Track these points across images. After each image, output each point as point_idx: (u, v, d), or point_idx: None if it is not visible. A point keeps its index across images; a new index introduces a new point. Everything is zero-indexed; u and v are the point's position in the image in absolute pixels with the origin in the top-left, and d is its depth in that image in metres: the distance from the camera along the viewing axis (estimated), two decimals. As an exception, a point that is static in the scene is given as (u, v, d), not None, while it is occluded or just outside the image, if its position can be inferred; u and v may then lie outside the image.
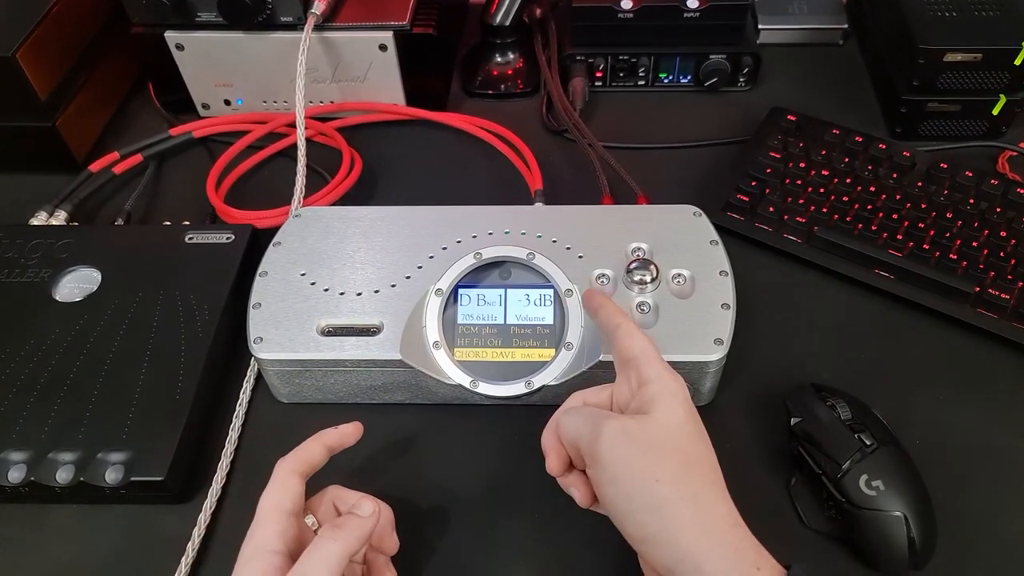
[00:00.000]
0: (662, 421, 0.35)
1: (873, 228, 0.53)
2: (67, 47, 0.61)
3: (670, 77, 0.67)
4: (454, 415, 0.48)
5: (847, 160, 0.57)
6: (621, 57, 0.66)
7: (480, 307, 0.48)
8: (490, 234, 0.49)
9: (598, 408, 0.38)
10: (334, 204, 0.57)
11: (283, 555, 0.35)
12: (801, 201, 0.55)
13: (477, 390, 0.46)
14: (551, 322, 0.47)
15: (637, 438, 0.34)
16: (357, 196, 0.59)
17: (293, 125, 0.62)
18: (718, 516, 0.34)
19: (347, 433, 0.41)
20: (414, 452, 0.47)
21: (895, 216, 0.54)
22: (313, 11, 0.59)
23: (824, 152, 0.58)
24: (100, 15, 0.64)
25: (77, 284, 0.50)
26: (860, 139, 0.58)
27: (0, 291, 0.50)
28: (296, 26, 0.60)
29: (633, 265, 0.47)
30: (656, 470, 0.34)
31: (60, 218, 0.56)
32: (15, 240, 0.52)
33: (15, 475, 0.42)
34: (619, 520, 0.35)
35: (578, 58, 0.66)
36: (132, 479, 0.42)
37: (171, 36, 0.61)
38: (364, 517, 0.36)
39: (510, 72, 0.69)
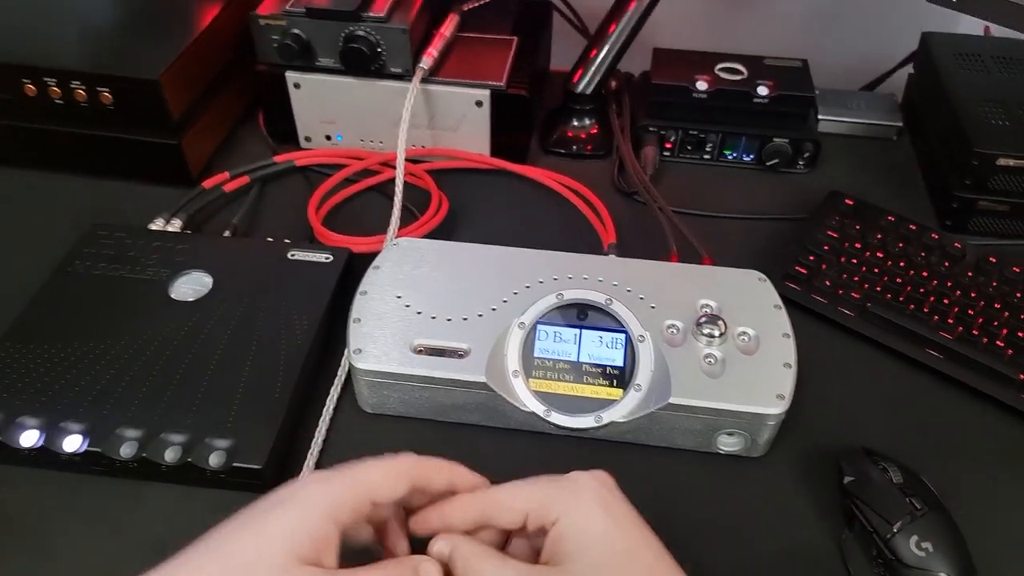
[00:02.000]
0: (590, 561, 0.33)
1: (925, 310, 0.57)
2: (201, 75, 0.68)
3: (735, 154, 0.73)
4: (524, 441, 0.51)
5: (901, 245, 0.61)
6: (691, 132, 0.72)
7: (556, 343, 0.51)
8: (570, 278, 0.54)
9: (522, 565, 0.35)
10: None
11: (340, 531, 0.33)
12: (856, 278, 0.59)
13: (550, 419, 0.49)
14: (621, 364, 0.50)
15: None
16: (440, 234, 0.64)
17: (388, 164, 0.68)
18: None
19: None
20: (485, 472, 0.50)
21: (946, 301, 0.57)
22: (421, 65, 0.65)
23: (879, 236, 0.62)
24: (230, 49, 0.71)
25: (191, 286, 0.55)
26: (914, 227, 0.62)
27: (124, 285, 0.55)
28: (404, 76, 0.66)
29: (703, 319, 0.51)
30: None
31: (175, 226, 0.61)
32: (137, 241, 0.58)
33: (127, 450, 0.46)
34: None
35: (651, 129, 0.72)
36: (234, 464, 0.45)
37: (291, 76, 0.67)
38: None
39: (584, 136, 0.75)
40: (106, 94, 0.62)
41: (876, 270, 0.60)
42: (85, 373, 0.49)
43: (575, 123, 0.75)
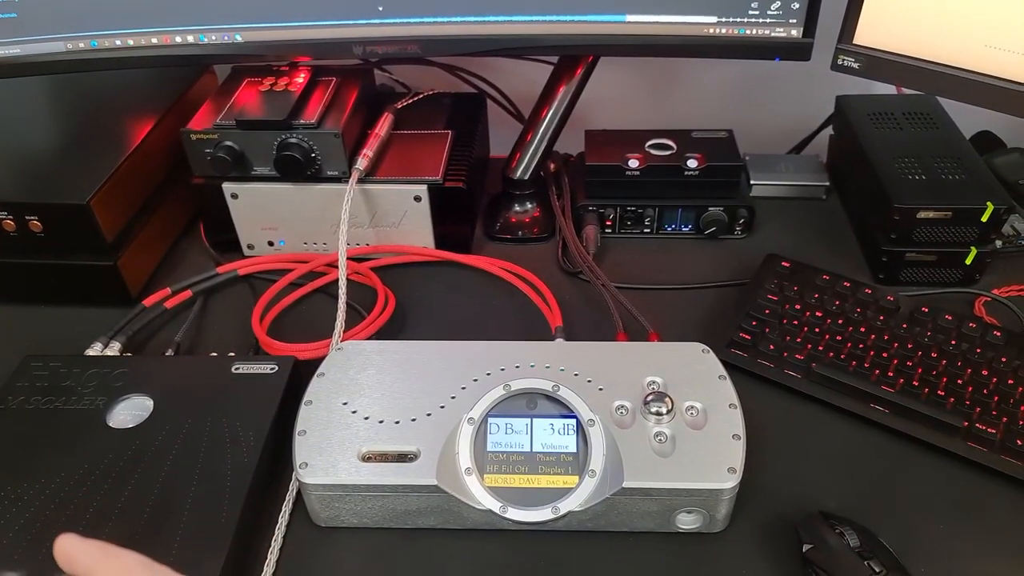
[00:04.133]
0: None
1: (866, 365, 0.58)
2: (134, 195, 0.68)
3: (673, 226, 0.74)
4: (483, 540, 0.50)
5: (838, 303, 0.63)
6: (629, 208, 0.74)
7: (508, 435, 0.51)
8: (517, 367, 0.54)
9: None
10: (369, 338, 0.62)
11: None
12: (799, 339, 0.61)
13: (506, 515, 0.48)
14: (574, 450, 0.50)
15: None
16: (389, 331, 0.64)
17: (332, 265, 0.68)
18: None
19: None
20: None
21: (885, 355, 0.59)
22: (357, 166, 0.66)
23: (817, 295, 0.63)
24: (165, 166, 0.72)
25: (130, 411, 0.54)
26: (848, 284, 0.64)
27: (57, 417, 0.53)
28: (340, 179, 0.67)
29: (650, 398, 0.51)
30: None
31: (114, 349, 0.60)
32: (72, 369, 0.56)
33: (64, 597, 0.44)
34: None
35: (590, 208, 0.74)
36: (178, 601, 0.43)
37: (228, 187, 0.68)
38: None
39: (527, 220, 0.76)
40: (35, 222, 0.62)
41: (817, 330, 0.61)
42: (21, 515, 0.47)
43: (517, 208, 0.76)
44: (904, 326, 0.60)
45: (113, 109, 0.73)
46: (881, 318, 0.61)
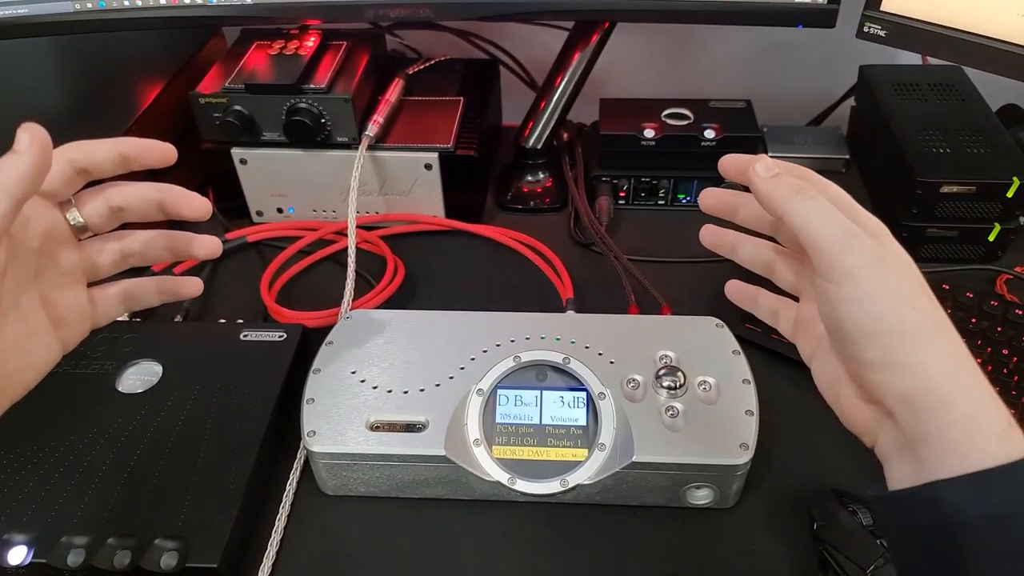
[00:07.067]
0: (903, 254, 0.35)
1: (883, 342, 0.57)
2: (142, 159, 0.67)
3: (688, 198, 0.73)
4: (490, 511, 0.50)
5: (856, 278, 0.61)
6: (643, 179, 0.72)
7: (517, 407, 0.51)
8: (527, 339, 0.53)
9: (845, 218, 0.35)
10: (378, 307, 0.61)
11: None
12: (814, 315, 0.59)
13: (515, 487, 0.48)
14: (584, 423, 0.50)
15: (893, 262, 0.34)
16: (399, 300, 0.64)
17: (341, 233, 0.67)
18: (968, 358, 0.32)
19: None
20: (451, 547, 0.48)
21: (903, 332, 0.57)
22: (367, 133, 0.65)
23: (834, 270, 0.62)
24: (173, 131, 0.71)
25: (139, 376, 0.54)
26: (867, 259, 0.63)
27: (67, 381, 0.53)
28: (350, 146, 0.66)
29: (662, 372, 0.50)
30: (913, 297, 0.33)
31: (124, 314, 0.60)
32: (82, 333, 0.56)
33: (74, 559, 0.44)
34: (855, 341, 0.33)
35: (604, 179, 0.72)
36: (187, 566, 0.44)
37: (237, 152, 0.67)
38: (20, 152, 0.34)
39: (539, 190, 0.75)
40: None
41: (833, 305, 0.60)
42: (29, 479, 0.47)
43: (529, 178, 0.75)
44: (923, 303, 0.59)
45: (121, 73, 0.73)
46: (900, 294, 0.60)
